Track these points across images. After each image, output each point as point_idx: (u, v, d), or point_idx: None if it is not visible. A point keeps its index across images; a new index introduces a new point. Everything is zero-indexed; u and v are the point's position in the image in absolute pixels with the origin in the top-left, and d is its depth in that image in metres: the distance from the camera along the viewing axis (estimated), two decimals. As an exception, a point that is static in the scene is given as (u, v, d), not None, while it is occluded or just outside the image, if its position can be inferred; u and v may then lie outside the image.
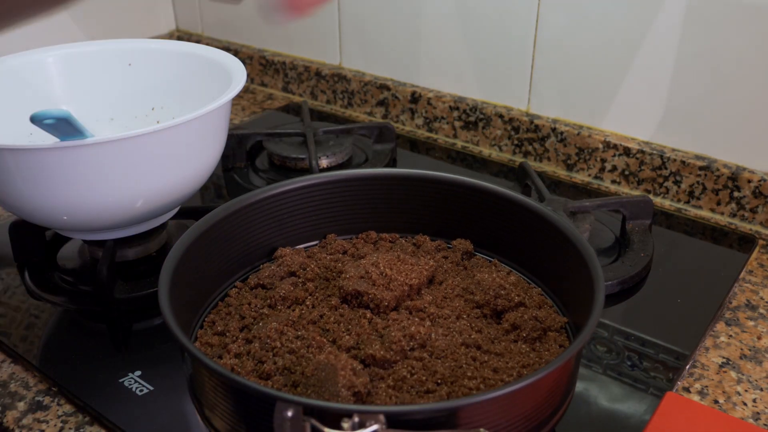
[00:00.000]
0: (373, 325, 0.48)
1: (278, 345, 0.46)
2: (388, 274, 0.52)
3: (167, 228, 0.68)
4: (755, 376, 0.55)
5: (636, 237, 0.69)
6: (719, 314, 0.62)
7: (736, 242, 0.73)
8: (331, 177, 0.59)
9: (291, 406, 0.35)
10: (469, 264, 0.58)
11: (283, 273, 0.55)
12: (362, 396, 0.41)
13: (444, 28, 0.93)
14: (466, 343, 0.47)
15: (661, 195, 0.81)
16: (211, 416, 0.42)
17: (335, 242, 0.60)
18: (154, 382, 0.52)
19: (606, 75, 0.82)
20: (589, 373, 0.54)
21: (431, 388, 0.43)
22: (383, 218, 0.61)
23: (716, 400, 0.53)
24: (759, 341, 0.59)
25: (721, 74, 0.74)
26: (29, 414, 0.51)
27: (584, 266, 0.47)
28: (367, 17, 0.99)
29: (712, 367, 0.56)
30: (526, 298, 0.52)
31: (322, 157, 0.85)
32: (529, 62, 0.87)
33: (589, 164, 0.85)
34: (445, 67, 0.95)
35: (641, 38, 0.78)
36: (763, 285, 0.66)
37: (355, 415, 0.34)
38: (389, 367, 0.45)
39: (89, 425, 0.50)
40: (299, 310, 0.50)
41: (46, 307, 0.62)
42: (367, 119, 1.04)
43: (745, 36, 0.71)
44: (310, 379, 0.42)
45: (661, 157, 0.79)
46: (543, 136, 0.88)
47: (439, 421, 0.36)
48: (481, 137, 0.93)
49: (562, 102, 0.87)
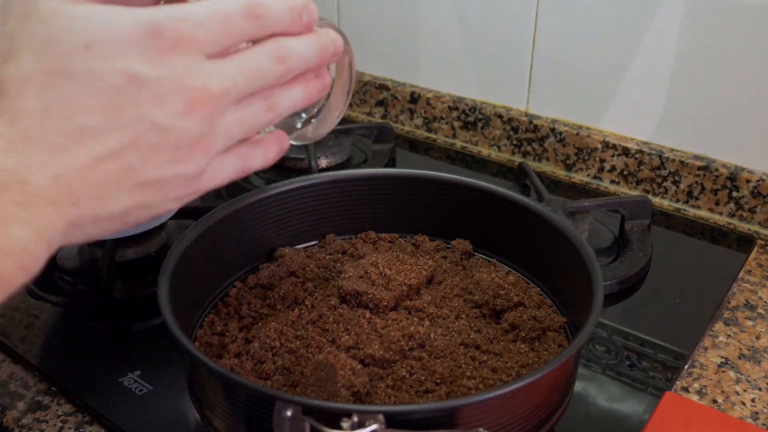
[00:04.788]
0: (373, 325, 0.49)
1: (277, 345, 0.46)
2: (387, 274, 0.52)
3: (167, 228, 0.68)
4: (754, 376, 0.55)
5: (635, 237, 0.69)
6: (718, 314, 0.62)
7: (734, 242, 0.73)
8: (331, 177, 0.59)
9: (290, 406, 0.35)
10: (469, 264, 0.58)
11: (282, 273, 0.55)
12: (361, 396, 0.42)
13: (443, 28, 0.93)
14: (465, 343, 0.47)
15: (660, 195, 0.81)
16: (211, 416, 0.42)
17: (334, 242, 0.60)
18: (154, 381, 0.52)
19: (605, 75, 0.82)
20: (588, 373, 0.54)
21: (430, 387, 0.43)
22: (382, 218, 0.61)
23: (715, 400, 0.53)
24: (758, 341, 0.59)
25: (720, 74, 0.74)
26: (29, 414, 0.51)
27: (583, 266, 0.47)
28: (367, 17, 0.99)
29: (711, 366, 0.56)
30: (525, 298, 0.52)
31: (322, 158, 0.85)
32: (528, 62, 0.88)
33: (588, 164, 0.85)
34: (444, 68, 0.95)
35: (640, 38, 0.78)
36: (761, 285, 0.66)
37: (354, 415, 0.34)
38: (388, 366, 0.45)
39: (89, 425, 0.50)
40: (298, 310, 0.51)
41: (46, 307, 0.62)
42: (367, 119, 1.04)
43: (745, 36, 0.72)
44: (309, 378, 0.42)
45: (660, 157, 0.80)
46: (542, 136, 0.88)
47: (439, 420, 0.36)
48: (480, 137, 0.94)
49: (561, 102, 0.87)
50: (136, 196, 0.31)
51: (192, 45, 0.31)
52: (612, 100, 0.83)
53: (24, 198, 0.28)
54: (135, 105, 0.30)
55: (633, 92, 0.81)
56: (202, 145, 0.32)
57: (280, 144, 0.37)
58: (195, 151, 0.32)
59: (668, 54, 0.77)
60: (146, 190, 0.31)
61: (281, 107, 0.35)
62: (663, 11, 0.75)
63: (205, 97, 0.31)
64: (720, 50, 0.73)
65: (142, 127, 0.30)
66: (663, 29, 0.76)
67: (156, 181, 0.31)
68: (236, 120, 0.33)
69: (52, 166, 0.29)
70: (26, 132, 0.29)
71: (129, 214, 0.32)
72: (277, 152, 0.37)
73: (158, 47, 0.30)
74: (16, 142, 0.28)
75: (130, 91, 0.30)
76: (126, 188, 0.31)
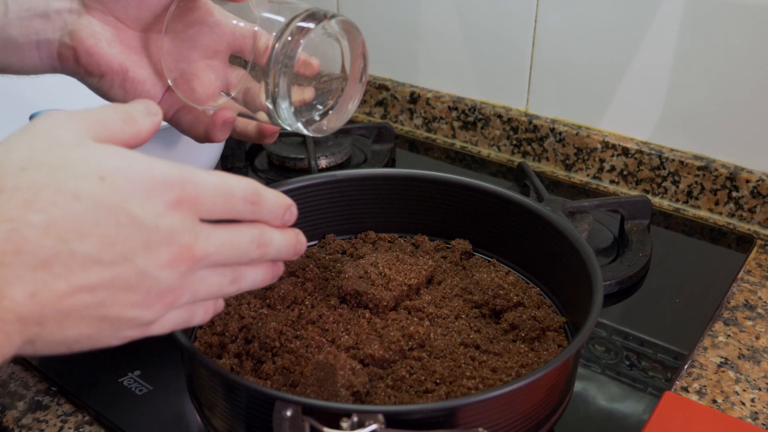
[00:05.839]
0: (372, 325, 0.49)
1: (277, 345, 0.46)
2: (387, 274, 0.52)
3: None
4: (753, 376, 0.55)
5: (634, 237, 0.69)
6: (717, 314, 0.62)
7: (734, 242, 0.73)
8: (330, 177, 0.59)
9: (290, 406, 0.35)
10: (468, 264, 0.58)
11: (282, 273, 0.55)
12: (361, 396, 0.42)
13: (443, 28, 0.93)
14: (465, 343, 0.47)
15: (660, 195, 0.81)
16: (211, 416, 0.42)
17: (334, 242, 0.60)
18: (154, 381, 0.52)
19: (604, 75, 0.82)
20: (587, 373, 0.54)
21: (430, 387, 0.43)
22: (382, 218, 0.61)
23: (714, 400, 0.53)
24: (757, 341, 0.59)
25: (720, 74, 0.74)
26: (29, 414, 0.51)
27: (583, 266, 0.48)
28: (367, 17, 0.99)
29: (711, 366, 0.56)
30: (525, 297, 0.52)
31: (321, 158, 0.85)
32: (527, 62, 0.88)
33: (587, 164, 0.85)
34: (444, 68, 0.95)
35: (640, 38, 0.78)
36: (761, 285, 0.66)
37: (354, 415, 0.34)
38: (388, 366, 0.45)
39: (89, 425, 0.50)
40: (298, 310, 0.51)
41: (46, 307, 0.62)
42: (366, 119, 1.04)
43: (744, 36, 0.72)
44: (309, 378, 0.42)
45: (660, 157, 0.80)
46: (542, 136, 0.88)
47: (438, 420, 0.36)
48: (480, 137, 0.94)
49: (560, 102, 0.87)
50: (92, 328, 0.32)
51: (193, 207, 0.33)
52: (611, 100, 0.83)
53: None
54: (126, 245, 0.31)
55: (633, 92, 0.81)
56: (169, 297, 0.34)
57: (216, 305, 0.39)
58: (161, 301, 0.34)
59: (668, 54, 0.77)
60: (103, 324, 0.33)
61: (243, 283, 0.37)
62: (663, 11, 0.75)
63: (188, 256, 0.33)
64: (720, 50, 0.73)
65: (126, 268, 0.32)
66: (663, 29, 0.76)
67: (116, 319, 0.33)
68: (205, 283, 0.35)
69: (33, 284, 0.30)
70: (21, 246, 0.29)
71: (78, 342, 0.33)
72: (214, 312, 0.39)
73: (164, 200, 0.32)
74: (7, 255, 0.29)
75: (127, 231, 0.31)
76: (87, 319, 0.32)
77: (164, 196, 0.32)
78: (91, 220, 0.31)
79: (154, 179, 0.32)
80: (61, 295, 0.30)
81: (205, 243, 0.34)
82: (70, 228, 0.30)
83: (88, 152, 0.32)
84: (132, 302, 0.32)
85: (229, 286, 0.37)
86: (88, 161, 0.32)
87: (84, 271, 0.31)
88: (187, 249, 0.33)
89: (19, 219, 0.30)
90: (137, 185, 0.32)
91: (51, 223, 0.30)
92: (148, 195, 0.32)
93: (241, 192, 0.35)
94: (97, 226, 0.31)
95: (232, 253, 0.35)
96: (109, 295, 0.32)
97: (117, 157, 0.32)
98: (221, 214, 0.35)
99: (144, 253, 0.32)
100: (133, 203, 0.31)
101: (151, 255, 0.32)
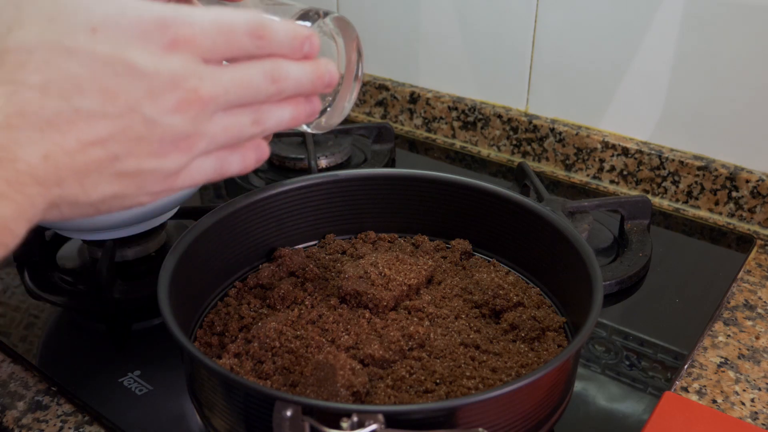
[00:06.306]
0: (372, 325, 0.49)
1: (277, 345, 0.46)
2: (386, 274, 0.52)
3: (166, 228, 0.68)
4: (753, 376, 0.55)
5: (634, 237, 0.69)
6: (717, 314, 0.62)
7: (734, 242, 0.73)
8: (330, 177, 0.59)
9: (290, 406, 0.35)
10: (468, 264, 0.58)
11: (282, 273, 0.55)
12: (361, 396, 0.42)
13: (443, 28, 0.93)
14: (465, 343, 0.47)
15: (660, 195, 0.81)
16: (211, 416, 0.42)
17: (334, 242, 0.60)
18: (154, 382, 0.52)
19: (604, 75, 0.82)
20: (587, 373, 0.55)
21: (430, 387, 0.43)
22: (382, 218, 0.61)
23: (714, 400, 0.53)
24: (757, 341, 0.59)
25: (720, 74, 0.74)
26: (29, 414, 0.51)
27: (583, 266, 0.48)
28: (366, 17, 0.99)
29: (711, 366, 0.56)
30: (525, 297, 0.52)
31: (321, 158, 0.85)
32: (527, 62, 0.88)
33: (587, 164, 0.85)
34: (444, 68, 0.95)
35: (639, 38, 0.78)
36: (761, 285, 0.66)
37: (354, 415, 0.34)
38: (388, 366, 0.45)
39: (89, 425, 0.50)
40: (298, 310, 0.51)
41: (46, 307, 0.62)
42: (366, 119, 1.04)
43: (744, 36, 0.72)
44: (309, 378, 0.42)
45: (660, 157, 0.80)
46: (541, 136, 0.88)
47: (438, 420, 0.36)
48: (480, 137, 0.94)
49: (560, 102, 0.87)
50: (114, 185, 0.32)
51: (192, 47, 0.32)
52: (611, 100, 0.83)
53: (13, 175, 0.29)
54: (130, 95, 0.31)
55: (632, 92, 0.81)
56: (184, 143, 0.33)
57: (258, 152, 0.37)
58: (177, 149, 0.33)
59: (668, 54, 0.77)
60: (125, 181, 0.32)
61: (267, 123, 0.36)
62: (663, 11, 0.75)
63: (195, 99, 0.32)
64: (719, 50, 0.73)
65: (133, 119, 0.31)
66: (662, 29, 0.76)
67: (136, 172, 0.32)
68: (221, 126, 0.34)
69: (44, 144, 0.29)
70: (24, 107, 0.29)
71: (104, 202, 0.32)
72: (256, 160, 0.37)
73: (160, 43, 0.31)
74: (12, 117, 0.29)
75: (128, 81, 0.30)
76: (106, 176, 0.31)
77: (159, 39, 0.31)
78: (88, 75, 0.30)
79: (146, 23, 0.31)
80: (72, 151, 0.30)
81: (212, 84, 0.32)
82: (69, 85, 0.30)
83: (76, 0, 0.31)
84: (147, 152, 0.32)
85: (251, 127, 0.35)
86: (77, 13, 0.30)
87: (91, 126, 0.30)
88: (193, 92, 0.32)
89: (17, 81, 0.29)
90: (130, 32, 0.31)
91: (48, 82, 0.29)
92: (143, 41, 0.31)
93: (243, 26, 0.33)
94: (95, 80, 0.30)
95: (244, 91, 0.34)
96: (122, 148, 0.31)
97: (107, 4, 0.31)
98: (225, 53, 0.33)
99: (149, 101, 0.31)
100: (129, 51, 0.30)
101: (157, 102, 0.31)
